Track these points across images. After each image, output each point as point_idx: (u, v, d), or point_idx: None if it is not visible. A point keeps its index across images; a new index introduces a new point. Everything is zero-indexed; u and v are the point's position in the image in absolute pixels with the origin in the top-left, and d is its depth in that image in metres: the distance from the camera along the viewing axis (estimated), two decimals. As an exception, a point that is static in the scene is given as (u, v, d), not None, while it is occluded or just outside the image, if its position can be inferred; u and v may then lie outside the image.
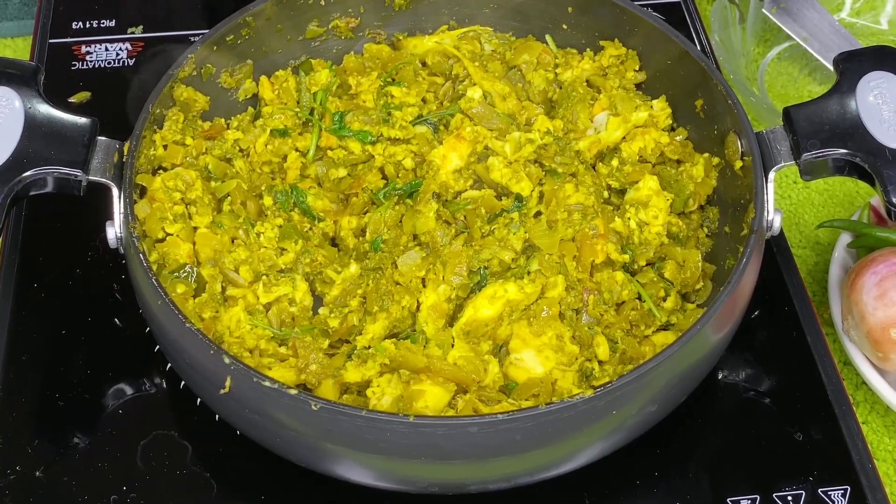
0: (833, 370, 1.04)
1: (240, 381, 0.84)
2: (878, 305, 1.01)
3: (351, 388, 0.93)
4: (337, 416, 0.81)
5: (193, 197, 1.01)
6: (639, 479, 0.98)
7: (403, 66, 1.13)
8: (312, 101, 1.12)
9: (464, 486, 0.89)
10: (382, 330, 0.96)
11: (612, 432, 0.88)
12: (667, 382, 0.87)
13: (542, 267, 0.98)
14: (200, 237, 1.00)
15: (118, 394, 1.01)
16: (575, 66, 1.14)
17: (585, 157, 1.08)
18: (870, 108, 0.95)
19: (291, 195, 1.05)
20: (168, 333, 0.90)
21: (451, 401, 0.91)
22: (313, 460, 0.88)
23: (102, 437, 0.98)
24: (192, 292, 0.97)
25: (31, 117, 0.93)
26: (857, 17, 1.45)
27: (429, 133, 1.09)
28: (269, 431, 0.87)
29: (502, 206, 1.03)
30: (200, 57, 1.06)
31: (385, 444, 0.82)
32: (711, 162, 1.05)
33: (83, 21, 1.35)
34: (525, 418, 0.81)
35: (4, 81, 0.94)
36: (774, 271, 1.11)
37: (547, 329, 0.95)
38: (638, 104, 1.10)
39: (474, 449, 0.82)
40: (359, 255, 1.03)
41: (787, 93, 1.39)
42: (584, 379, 0.94)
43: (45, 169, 0.91)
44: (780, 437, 1.00)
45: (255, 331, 0.96)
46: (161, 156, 1.03)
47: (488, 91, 1.10)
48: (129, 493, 0.95)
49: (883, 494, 0.96)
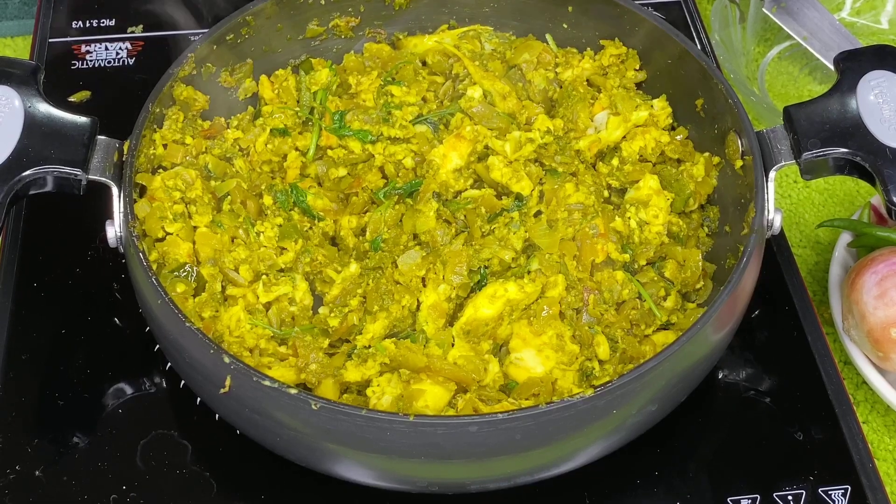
0: (833, 370, 1.04)
1: (240, 381, 0.84)
2: (879, 305, 1.01)
3: (351, 388, 0.93)
4: (337, 415, 0.81)
5: (193, 196, 1.01)
6: (639, 479, 0.98)
7: (403, 65, 1.13)
8: (312, 101, 1.12)
9: (464, 486, 0.89)
10: (382, 329, 0.96)
11: (612, 432, 0.88)
12: (667, 382, 0.87)
13: (543, 266, 0.98)
14: (200, 236, 1.00)
15: (118, 394, 1.01)
16: (575, 66, 1.14)
17: (586, 157, 1.08)
18: (870, 108, 0.95)
19: (291, 194, 1.04)
20: (168, 333, 0.89)
21: (452, 400, 0.91)
22: (313, 460, 0.88)
23: (102, 436, 0.98)
24: (191, 291, 0.97)
25: (30, 116, 0.92)
26: (857, 17, 1.45)
27: (429, 132, 1.09)
28: (269, 431, 0.87)
29: (502, 205, 1.03)
30: (200, 56, 1.06)
31: (385, 443, 0.82)
32: (712, 161, 1.06)
33: (83, 21, 1.35)
34: (525, 418, 0.81)
35: (4, 81, 0.94)
36: (775, 271, 1.11)
37: (547, 328, 0.95)
38: (638, 103, 1.09)
39: (474, 448, 0.82)
40: (359, 254, 1.03)
41: (788, 92, 1.39)
42: (584, 378, 0.94)
43: (44, 168, 0.91)
44: (781, 437, 1.00)
45: (254, 330, 0.96)
46: (161, 155, 1.03)
47: (488, 90, 1.10)
48: (128, 492, 0.95)
49: (883, 494, 0.96)
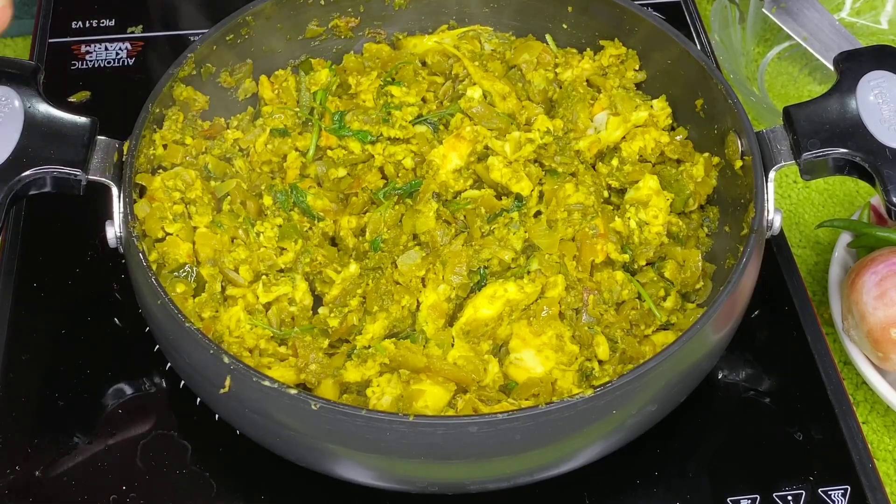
0: (833, 370, 1.04)
1: (239, 381, 0.84)
2: (878, 305, 1.01)
3: (351, 388, 0.93)
4: (336, 415, 0.81)
5: (193, 196, 1.01)
6: (639, 479, 0.98)
7: (403, 65, 1.13)
8: (312, 101, 1.12)
9: (463, 486, 0.89)
10: (382, 329, 0.96)
11: (611, 432, 0.88)
12: (667, 382, 0.87)
13: (542, 266, 0.98)
14: (200, 237, 1.00)
15: (118, 394, 1.01)
16: (575, 66, 1.14)
17: (585, 157, 1.07)
18: (870, 108, 0.95)
19: (291, 195, 1.04)
20: (168, 333, 0.89)
21: (451, 401, 0.91)
22: (313, 460, 0.88)
23: (102, 437, 0.98)
24: (191, 292, 0.97)
25: (30, 117, 0.92)
26: (857, 17, 1.45)
27: (429, 133, 1.09)
28: (269, 431, 0.87)
29: (502, 205, 1.03)
30: (200, 56, 1.06)
31: (384, 443, 0.82)
32: (711, 161, 1.05)
33: (83, 21, 1.35)
34: (525, 418, 0.81)
35: (4, 81, 0.94)
36: (774, 271, 1.11)
37: (547, 329, 0.95)
38: (638, 104, 1.09)
39: (474, 449, 0.82)
40: (359, 254, 1.02)
41: (787, 92, 1.39)
42: (584, 379, 0.94)
43: (44, 168, 0.91)
44: (780, 437, 1.00)
45: (254, 330, 0.96)
46: (161, 155, 1.03)
47: (488, 90, 1.10)
48: (128, 492, 0.95)
49: (883, 494, 0.96)
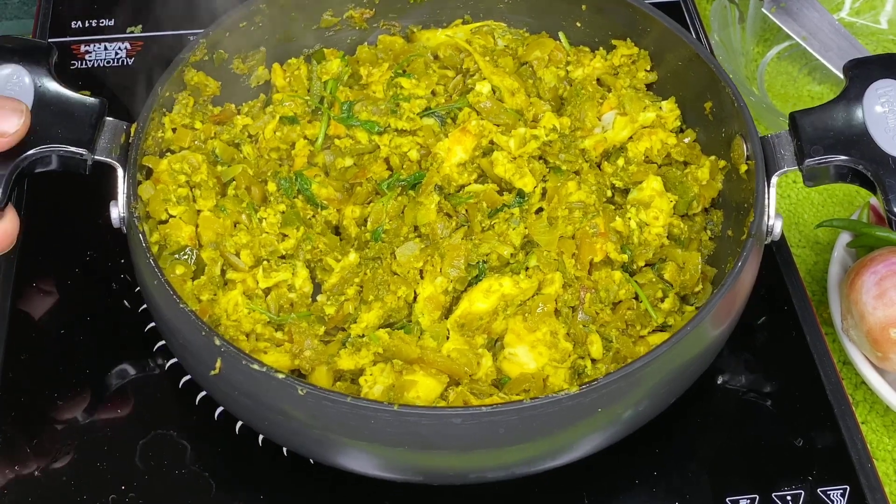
0: (832, 370, 1.04)
1: (229, 364, 0.85)
2: (878, 305, 1.00)
3: (345, 376, 0.94)
4: (322, 401, 0.82)
5: (198, 180, 1.02)
6: (638, 479, 0.98)
7: (415, 58, 1.13)
8: (323, 90, 1.12)
9: (447, 477, 0.90)
10: (376, 319, 0.96)
11: (598, 430, 0.88)
12: (657, 382, 0.87)
13: (541, 263, 0.98)
14: (203, 220, 1.01)
15: (118, 393, 1.02)
16: (586, 65, 1.14)
17: (591, 156, 1.07)
18: (876, 116, 0.94)
19: (296, 182, 1.05)
20: (163, 313, 0.90)
21: (444, 393, 0.91)
22: (299, 444, 0.89)
23: (102, 436, 0.99)
24: (190, 274, 0.98)
25: (40, 95, 0.93)
26: (856, 17, 1.44)
27: (436, 125, 1.09)
28: (257, 414, 0.88)
29: (504, 201, 1.03)
30: (213, 41, 1.07)
31: (369, 431, 0.82)
32: (718, 165, 1.05)
33: (82, 20, 1.35)
34: (509, 412, 0.81)
35: (16, 59, 0.94)
36: (774, 271, 1.10)
37: (541, 325, 0.95)
38: (646, 104, 1.09)
39: (457, 440, 0.83)
40: (360, 244, 1.03)
41: (787, 92, 1.38)
42: (575, 376, 0.94)
43: (51, 146, 0.91)
44: (780, 437, 1.00)
45: (252, 315, 0.97)
46: (169, 139, 1.04)
47: (497, 86, 1.10)
48: (128, 492, 0.95)
49: (882, 494, 0.96)
